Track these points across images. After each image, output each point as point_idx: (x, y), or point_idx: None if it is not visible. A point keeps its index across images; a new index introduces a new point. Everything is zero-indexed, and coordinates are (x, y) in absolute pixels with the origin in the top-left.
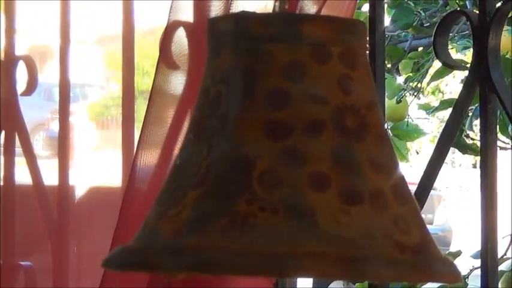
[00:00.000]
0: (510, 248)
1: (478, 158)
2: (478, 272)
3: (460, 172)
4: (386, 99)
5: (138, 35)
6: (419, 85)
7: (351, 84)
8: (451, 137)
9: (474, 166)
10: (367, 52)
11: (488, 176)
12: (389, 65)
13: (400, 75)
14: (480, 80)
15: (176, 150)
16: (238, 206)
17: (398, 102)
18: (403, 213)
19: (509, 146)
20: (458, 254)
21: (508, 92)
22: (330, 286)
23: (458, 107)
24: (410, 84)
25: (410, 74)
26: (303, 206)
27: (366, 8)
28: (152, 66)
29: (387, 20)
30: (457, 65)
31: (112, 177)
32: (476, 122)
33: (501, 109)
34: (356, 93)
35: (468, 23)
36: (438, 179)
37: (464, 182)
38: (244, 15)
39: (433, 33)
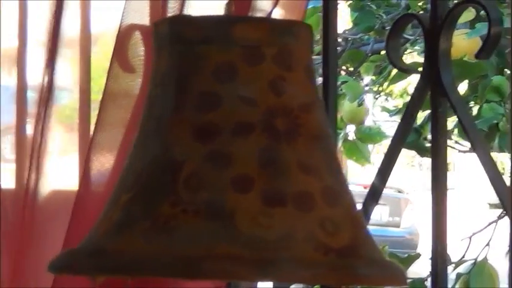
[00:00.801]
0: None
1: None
2: None
3: (427, 175)
4: (347, 102)
5: (106, 37)
6: (380, 88)
7: (284, 86)
8: (401, 140)
9: None
10: (315, 54)
11: (438, 178)
12: (351, 68)
13: (362, 79)
14: (431, 83)
15: None
16: (162, 209)
17: (359, 105)
18: (333, 215)
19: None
20: (417, 256)
21: (458, 95)
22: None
23: (409, 111)
24: (372, 87)
25: (373, 77)
26: (223, 208)
27: None
28: (118, 69)
29: (350, 24)
30: (410, 69)
31: (76, 180)
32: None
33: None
34: (289, 95)
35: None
36: (405, 182)
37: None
38: (179, 19)
39: (386, 37)
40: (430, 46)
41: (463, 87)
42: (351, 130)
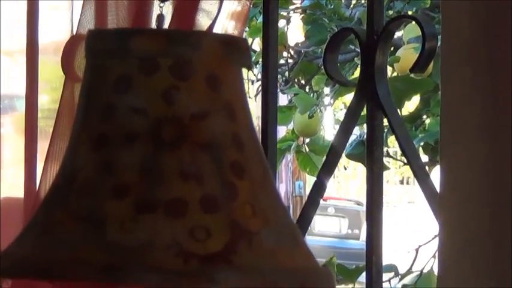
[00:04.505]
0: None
1: (405, 175)
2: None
3: (387, 188)
4: (298, 114)
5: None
6: (331, 101)
7: (176, 95)
8: (339, 153)
9: (401, 182)
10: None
11: (374, 190)
12: (303, 81)
13: (315, 91)
14: (367, 96)
15: None
16: (55, 215)
17: (310, 117)
18: (207, 221)
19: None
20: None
21: (393, 108)
22: None
23: (345, 123)
24: (323, 100)
25: (324, 90)
26: (98, 215)
27: (281, 23)
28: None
29: (302, 36)
30: (346, 82)
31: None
32: (392, 138)
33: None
34: (181, 104)
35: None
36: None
37: (392, 198)
38: (90, 33)
39: (324, 51)
40: (366, 60)
41: (415, 101)
42: (303, 142)
